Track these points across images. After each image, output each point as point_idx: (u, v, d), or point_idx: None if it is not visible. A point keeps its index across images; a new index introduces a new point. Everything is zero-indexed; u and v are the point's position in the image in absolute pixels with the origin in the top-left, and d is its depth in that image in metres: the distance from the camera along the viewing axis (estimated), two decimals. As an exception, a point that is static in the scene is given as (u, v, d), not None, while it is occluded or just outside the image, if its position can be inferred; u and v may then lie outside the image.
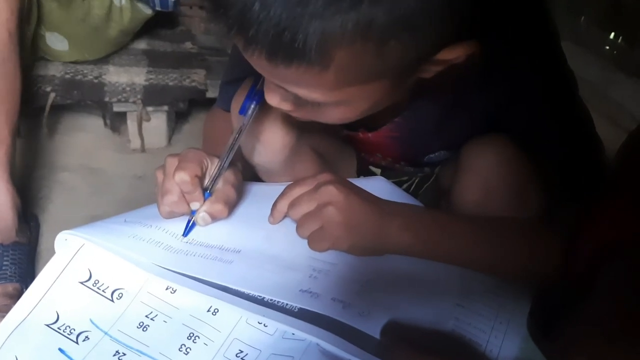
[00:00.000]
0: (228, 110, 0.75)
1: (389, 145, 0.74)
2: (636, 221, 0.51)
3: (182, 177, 0.54)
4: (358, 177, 0.88)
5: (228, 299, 0.48)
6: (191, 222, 0.57)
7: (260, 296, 0.49)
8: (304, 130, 0.71)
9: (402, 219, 0.56)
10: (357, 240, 0.55)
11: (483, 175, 0.64)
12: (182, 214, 0.58)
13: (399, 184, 0.85)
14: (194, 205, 0.57)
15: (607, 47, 1.69)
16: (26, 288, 0.83)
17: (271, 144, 0.69)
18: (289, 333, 0.46)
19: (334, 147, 0.83)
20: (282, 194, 0.60)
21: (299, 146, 0.73)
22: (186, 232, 0.57)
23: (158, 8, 1.27)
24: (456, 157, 0.70)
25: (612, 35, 1.69)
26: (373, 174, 0.88)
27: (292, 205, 0.58)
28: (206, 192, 0.57)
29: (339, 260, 0.54)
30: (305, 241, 0.56)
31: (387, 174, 0.86)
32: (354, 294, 0.49)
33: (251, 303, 0.48)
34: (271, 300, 0.48)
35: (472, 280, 0.55)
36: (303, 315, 0.47)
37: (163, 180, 0.57)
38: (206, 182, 0.58)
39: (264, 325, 0.47)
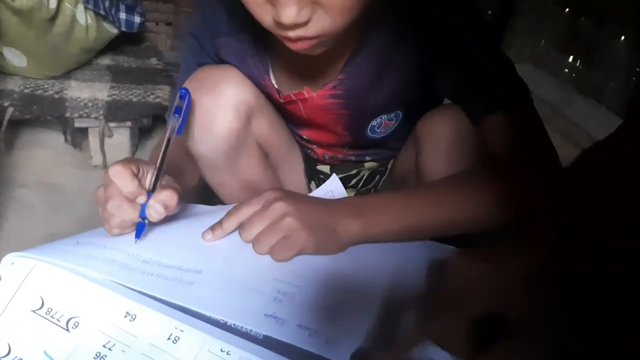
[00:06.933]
0: None
1: (333, 108, 0.74)
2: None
3: (118, 169, 0.53)
4: (307, 177, 0.91)
5: (190, 321, 0.46)
6: (142, 220, 0.55)
7: (223, 320, 0.47)
8: (253, 120, 0.73)
9: (346, 209, 0.59)
10: (319, 239, 0.56)
11: (443, 144, 0.67)
12: (131, 223, 0.56)
13: (347, 179, 0.88)
14: (140, 199, 0.55)
15: (566, 70, 1.75)
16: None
17: (217, 130, 0.70)
18: (253, 362, 0.45)
19: (280, 149, 0.84)
20: (229, 214, 0.60)
21: (245, 137, 0.74)
22: (138, 234, 0.55)
23: (123, 29, 1.27)
24: (408, 144, 0.74)
25: (570, 59, 1.75)
26: (321, 173, 0.90)
27: (245, 227, 0.58)
28: (149, 193, 0.56)
29: (303, 281, 0.53)
30: (268, 261, 0.56)
31: (335, 169, 0.89)
32: (320, 320, 0.48)
33: (214, 327, 0.46)
34: (235, 325, 0.47)
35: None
36: (268, 342, 0.45)
37: (104, 191, 0.55)
38: (147, 185, 0.56)
39: (227, 353, 0.45)
